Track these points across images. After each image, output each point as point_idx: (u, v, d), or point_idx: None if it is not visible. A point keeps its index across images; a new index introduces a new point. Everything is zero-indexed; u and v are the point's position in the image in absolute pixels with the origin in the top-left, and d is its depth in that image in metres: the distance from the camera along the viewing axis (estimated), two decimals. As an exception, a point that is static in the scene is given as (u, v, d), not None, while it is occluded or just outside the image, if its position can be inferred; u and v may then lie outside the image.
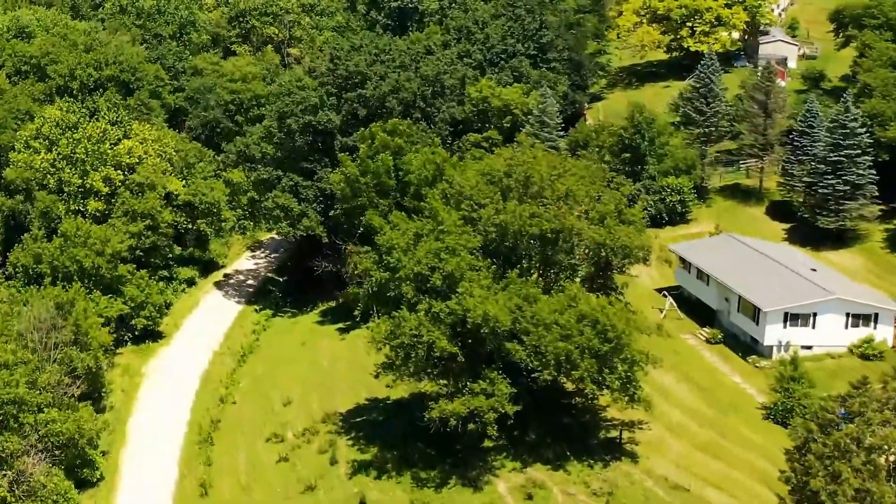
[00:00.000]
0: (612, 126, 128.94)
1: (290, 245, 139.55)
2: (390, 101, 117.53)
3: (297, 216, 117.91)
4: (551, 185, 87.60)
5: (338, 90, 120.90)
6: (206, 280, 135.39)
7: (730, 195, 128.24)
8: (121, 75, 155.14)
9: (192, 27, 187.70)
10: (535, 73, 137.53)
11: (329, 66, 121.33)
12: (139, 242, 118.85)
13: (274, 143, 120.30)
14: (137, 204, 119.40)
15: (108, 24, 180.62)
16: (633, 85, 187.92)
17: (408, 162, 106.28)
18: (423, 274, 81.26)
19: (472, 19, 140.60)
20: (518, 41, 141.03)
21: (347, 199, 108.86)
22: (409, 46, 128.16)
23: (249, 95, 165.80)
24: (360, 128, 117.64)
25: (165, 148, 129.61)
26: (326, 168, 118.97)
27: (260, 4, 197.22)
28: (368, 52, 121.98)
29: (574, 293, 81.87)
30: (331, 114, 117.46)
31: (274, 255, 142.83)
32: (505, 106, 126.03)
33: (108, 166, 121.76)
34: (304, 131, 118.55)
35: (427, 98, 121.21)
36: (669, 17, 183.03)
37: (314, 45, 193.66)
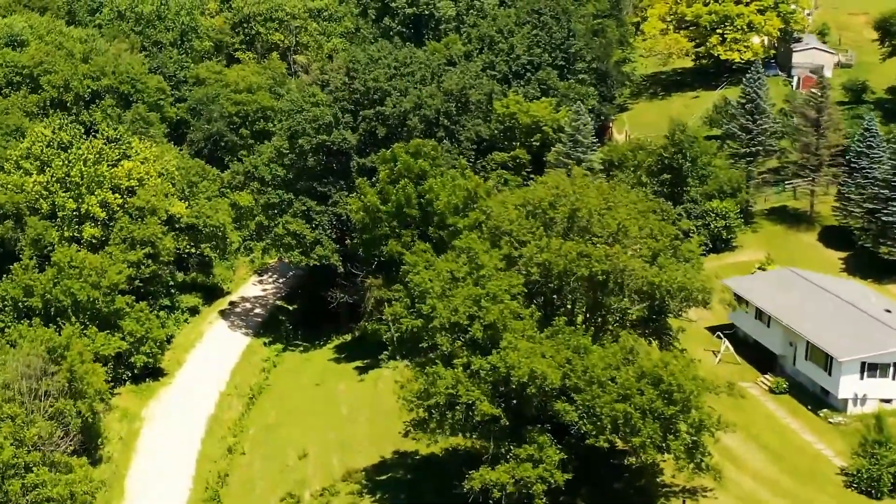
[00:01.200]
0: (650, 143, 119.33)
1: (300, 269, 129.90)
2: (412, 118, 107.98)
3: (310, 244, 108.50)
4: (601, 219, 78.04)
5: (354, 106, 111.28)
6: (211, 308, 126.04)
7: (777, 219, 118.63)
8: (119, 87, 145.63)
9: (194, 34, 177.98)
10: (562, 86, 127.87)
11: (344, 81, 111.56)
12: (138, 272, 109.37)
13: (284, 163, 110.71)
14: (137, 230, 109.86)
15: (106, 31, 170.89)
16: (658, 94, 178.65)
17: (433, 188, 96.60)
18: (460, 324, 71.72)
19: (496, 28, 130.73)
20: (544, 51, 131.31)
21: (366, 229, 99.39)
22: (429, 58, 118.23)
23: (255, 107, 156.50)
24: (379, 148, 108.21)
25: (167, 166, 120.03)
26: (342, 191, 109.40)
27: (265, 10, 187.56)
28: (387, 65, 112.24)
29: (630, 345, 72.31)
30: (346, 133, 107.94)
31: (282, 280, 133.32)
32: (534, 123, 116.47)
33: (106, 189, 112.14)
34: (317, 151, 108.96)
35: (451, 115, 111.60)
36: (698, 24, 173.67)
37: (321, 52, 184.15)
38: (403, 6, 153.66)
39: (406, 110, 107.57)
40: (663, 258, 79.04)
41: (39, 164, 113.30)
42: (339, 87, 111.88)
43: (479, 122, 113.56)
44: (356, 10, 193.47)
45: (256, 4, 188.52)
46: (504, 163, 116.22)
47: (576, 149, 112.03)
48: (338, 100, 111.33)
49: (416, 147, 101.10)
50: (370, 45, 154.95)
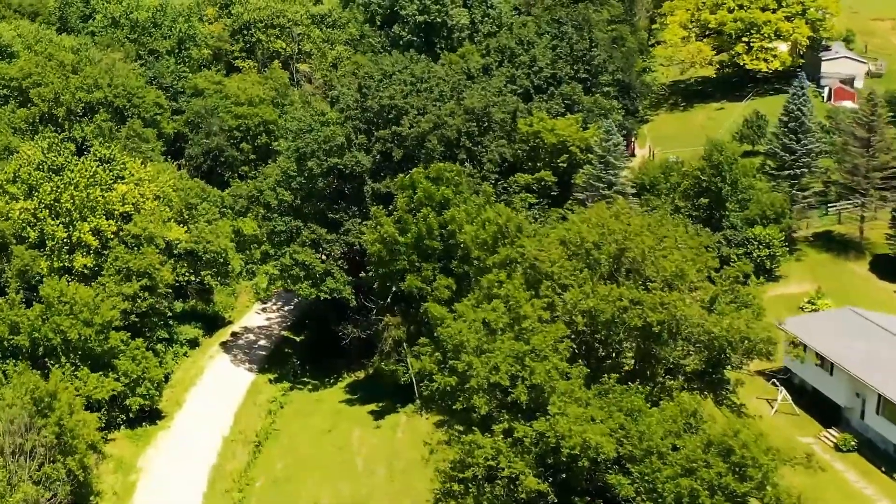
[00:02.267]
0: (682, 164, 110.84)
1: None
2: (431, 139, 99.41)
3: (320, 276, 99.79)
4: (654, 261, 69.56)
5: (367, 126, 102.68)
6: (212, 340, 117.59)
7: (823, 246, 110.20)
8: (114, 100, 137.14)
9: (192, 42, 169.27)
10: (587, 100, 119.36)
11: (356, 98, 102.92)
12: (134, 306, 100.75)
13: (291, 188, 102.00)
14: (133, 260, 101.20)
15: (99, 39, 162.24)
16: (679, 105, 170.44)
17: (456, 218, 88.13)
18: (501, 384, 63.24)
19: (516, 39, 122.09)
20: (567, 63, 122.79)
21: (383, 263, 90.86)
22: (447, 72, 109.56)
23: (257, 121, 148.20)
24: (395, 171, 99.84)
25: (164, 188, 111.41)
26: (355, 219, 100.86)
27: (266, 16, 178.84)
28: (403, 81, 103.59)
29: (693, 408, 63.77)
30: (359, 155, 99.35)
31: (287, 307, 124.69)
32: (560, 142, 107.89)
33: (99, 216, 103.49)
34: (328, 175, 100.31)
35: (473, 135, 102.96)
36: (721, 32, 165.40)
37: (325, 61, 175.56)
38: (414, 14, 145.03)
39: (425, 131, 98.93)
40: (722, 303, 70.78)
41: (27, 189, 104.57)
42: (350, 106, 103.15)
43: (502, 143, 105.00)
44: (361, 17, 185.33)
45: (257, 10, 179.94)
46: (528, 185, 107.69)
47: (606, 171, 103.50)
48: (349, 118, 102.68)
49: (437, 172, 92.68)
50: (378, 54, 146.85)
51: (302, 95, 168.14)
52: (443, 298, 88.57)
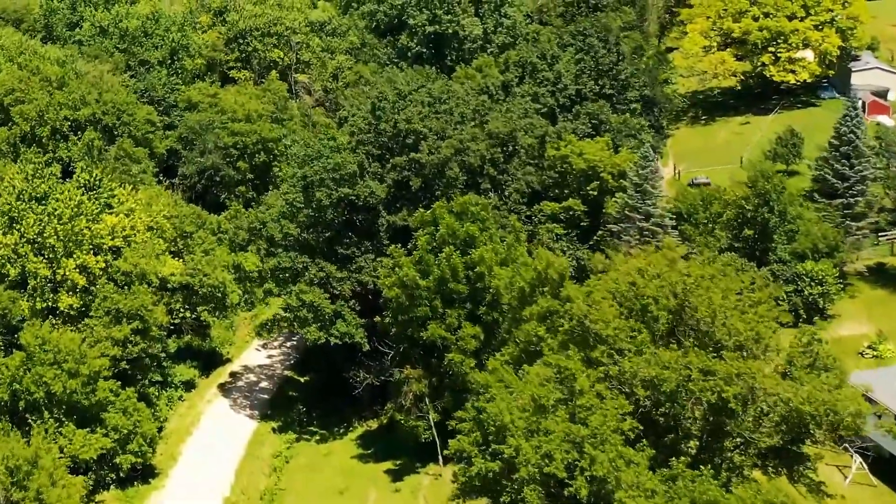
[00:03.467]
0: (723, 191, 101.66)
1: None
2: (452, 167, 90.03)
3: (329, 318, 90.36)
4: (726, 321, 60.37)
5: (381, 151, 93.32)
6: (209, 381, 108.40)
7: (878, 281, 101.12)
8: (103, 117, 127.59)
9: (185, 52, 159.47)
10: (615, 119, 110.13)
11: (369, 121, 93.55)
12: (125, 352, 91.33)
13: (298, 220, 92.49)
14: (123, 301, 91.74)
15: (87, 50, 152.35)
16: (700, 118, 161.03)
17: (485, 258, 78.91)
18: (556, 475, 53.97)
19: (538, 53, 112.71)
20: (591, 78, 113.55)
21: (402, 309, 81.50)
22: (468, 92, 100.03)
23: (255, 139, 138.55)
24: (412, 202, 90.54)
25: (157, 217, 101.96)
26: (367, 254, 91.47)
27: (262, 24, 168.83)
28: (420, 102, 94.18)
29: (781, 500, 54.58)
30: (373, 184, 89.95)
31: (290, 342, 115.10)
32: (590, 167, 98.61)
33: (86, 251, 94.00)
34: (338, 206, 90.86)
35: (497, 163, 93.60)
36: (745, 41, 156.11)
37: (325, 71, 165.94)
38: (423, 24, 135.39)
39: (445, 158, 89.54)
40: (799, 366, 61.82)
41: (7, 221, 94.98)
42: (361, 129, 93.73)
43: (529, 171, 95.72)
44: (361, 23, 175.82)
45: (253, 18, 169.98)
46: (555, 214, 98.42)
47: (644, 201, 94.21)
48: (361, 143, 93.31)
49: (461, 206, 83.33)
50: (385, 66, 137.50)
51: (301, 108, 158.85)
52: (469, 349, 79.52)
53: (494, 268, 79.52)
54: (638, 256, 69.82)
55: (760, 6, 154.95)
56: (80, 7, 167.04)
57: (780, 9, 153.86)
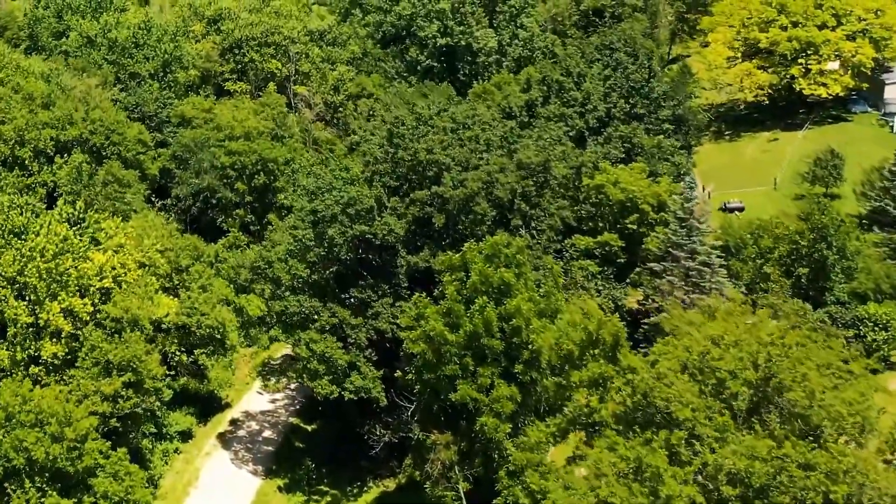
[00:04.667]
0: (776, 223, 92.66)
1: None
2: (479, 202, 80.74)
3: (343, 370, 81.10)
4: (823, 403, 51.37)
5: (399, 182, 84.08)
6: (207, 429, 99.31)
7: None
8: (91, 137, 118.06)
9: (178, 63, 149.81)
10: (648, 142, 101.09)
11: (386, 149, 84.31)
12: (115, 408, 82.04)
13: (308, 260, 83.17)
14: (113, 351, 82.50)
15: (73, 62, 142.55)
16: (724, 134, 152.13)
17: (522, 310, 69.80)
18: None
19: (563, 69, 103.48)
20: (621, 97, 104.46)
21: (429, 367, 72.25)
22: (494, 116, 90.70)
23: (254, 158, 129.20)
24: (435, 239, 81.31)
25: (149, 252, 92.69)
26: (385, 298, 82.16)
27: (259, 33, 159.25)
28: (443, 129, 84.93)
29: None
30: (392, 220, 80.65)
31: (295, 384, 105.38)
32: (627, 199, 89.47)
33: (71, 293, 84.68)
34: (353, 245, 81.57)
35: (529, 196, 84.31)
36: (773, 52, 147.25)
37: (326, 83, 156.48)
38: (434, 35, 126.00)
39: (472, 192, 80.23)
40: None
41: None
42: (377, 158, 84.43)
43: (564, 205, 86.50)
44: (363, 32, 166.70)
45: (249, 27, 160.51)
46: (589, 250, 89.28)
47: (689, 237, 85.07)
48: (377, 174, 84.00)
49: (493, 248, 74.06)
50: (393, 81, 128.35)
51: (301, 123, 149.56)
52: (504, 413, 70.38)
53: (533, 321, 70.34)
54: (703, 321, 60.43)
55: (789, 14, 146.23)
56: (67, 16, 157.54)
57: (810, 17, 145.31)
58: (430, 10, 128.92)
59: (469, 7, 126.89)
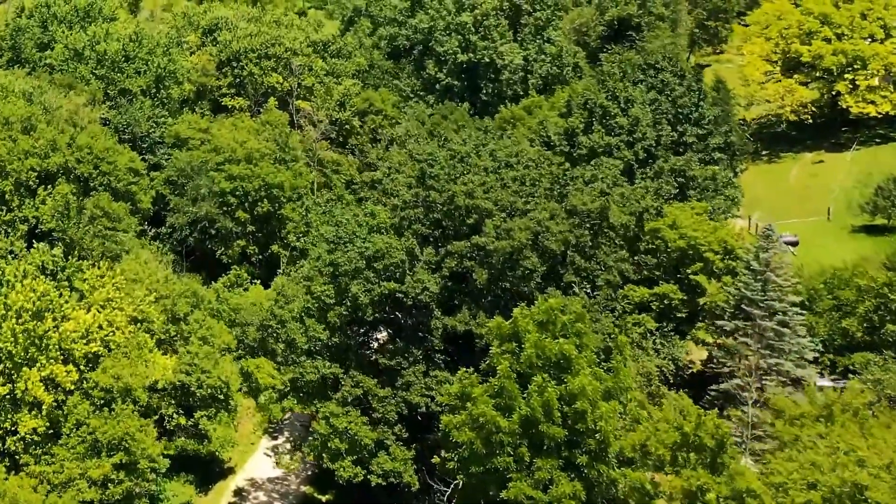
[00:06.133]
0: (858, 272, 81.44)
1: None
2: (528, 255, 69.43)
3: (369, 450, 69.74)
4: None
5: (432, 228, 72.77)
6: (208, 500, 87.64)
7: None
8: (77, 167, 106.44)
9: (172, 78, 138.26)
10: (700, 173, 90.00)
11: (416, 191, 72.98)
12: (105, 494, 70.76)
13: (327, 321, 71.79)
14: (102, 426, 71.26)
15: (59, 78, 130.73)
16: (761, 154, 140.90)
17: (587, 391, 58.70)
18: None
19: (608, 93, 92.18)
20: (670, 122, 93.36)
21: (476, 459, 60.93)
22: (540, 154, 79.30)
23: (257, 184, 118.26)
24: (475, 298, 69.97)
25: (141, 306, 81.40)
26: (417, 365, 70.87)
27: (259, 44, 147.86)
28: (481, 167, 73.62)
29: None
30: (426, 276, 69.30)
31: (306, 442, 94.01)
32: (689, 245, 78.29)
33: (53, 359, 73.31)
34: (380, 305, 70.25)
35: (583, 247, 72.92)
36: (815, 66, 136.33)
37: (330, 98, 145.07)
38: (454, 51, 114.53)
39: (521, 244, 68.85)
40: None
41: (-51, 319, 74.27)
42: (407, 201, 73.06)
43: (622, 255, 75.15)
44: (368, 42, 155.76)
45: (248, 38, 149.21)
46: (644, 303, 78.04)
47: (766, 293, 73.81)
48: (406, 220, 72.60)
49: (547, 315, 62.84)
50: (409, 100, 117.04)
51: (305, 143, 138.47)
52: (567, 514, 59.19)
53: (600, 404, 59.24)
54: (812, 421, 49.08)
55: (833, 26, 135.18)
56: (52, 26, 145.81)
57: (856, 29, 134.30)
58: (450, 23, 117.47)
59: (493, 20, 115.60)
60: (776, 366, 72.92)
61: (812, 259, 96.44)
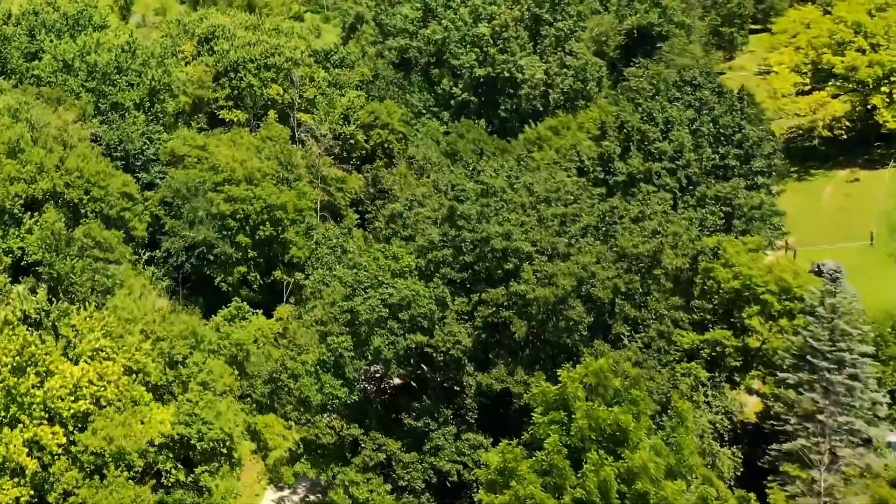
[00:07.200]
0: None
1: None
2: (574, 305, 61.53)
3: (395, 524, 61.93)
4: None
5: (461, 271, 64.84)
6: (208, 561, 79.33)
7: None
8: (65, 191, 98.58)
9: (167, 91, 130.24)
10: (746, 200, 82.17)
11: (445, 229, 65.06)
12: (96, 574, 62.86)
13: (345, 376, 63.86)
14: (93, 497, 63.35)
15: (47, 91, 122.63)
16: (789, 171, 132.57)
17: (649, 469, 50.96)
18: None
19: (645, 113, 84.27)
20: (710, 144, 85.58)
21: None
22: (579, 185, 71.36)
23: (259, 206, 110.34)
24: (512, 353, 62.04)
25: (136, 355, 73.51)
26: (448, 426, 62.94)
27: (258, 54, 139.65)
28: (518, 203, 65.69)
29: None
30: (456, 328, 61.41)
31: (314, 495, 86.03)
32: (744, 286, 70.47)
33: (37, 419, 65.41)
34: (406, 359, 62.34)
35: (633, 296, 64.97)
36: (848, 78, 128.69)
37: (334, 111, 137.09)
38: (471, 64, 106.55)
39: (566, 293, 60.94)
40: None
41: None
42: (434, 243, 65.09)
43: (676, 303, 67.21)
44: (371, 51, 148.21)
45: (247, 47, 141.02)
46: (693, 350, 70.20)
47: (833, 341, 65.98)
48: (433, 264, 64.63)
49: (597, 377, 55.02)
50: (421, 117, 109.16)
51: (308, 159, 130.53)
52: None
53: (664, 485, 51.46)
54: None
55: (868, 36, 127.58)
56: (40, 34, 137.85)
57: (892, 39, 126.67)
58: (466, 35, 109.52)
59: (513, 31, 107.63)
60: (846, 424, 65.23)
61: (859, 291, 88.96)
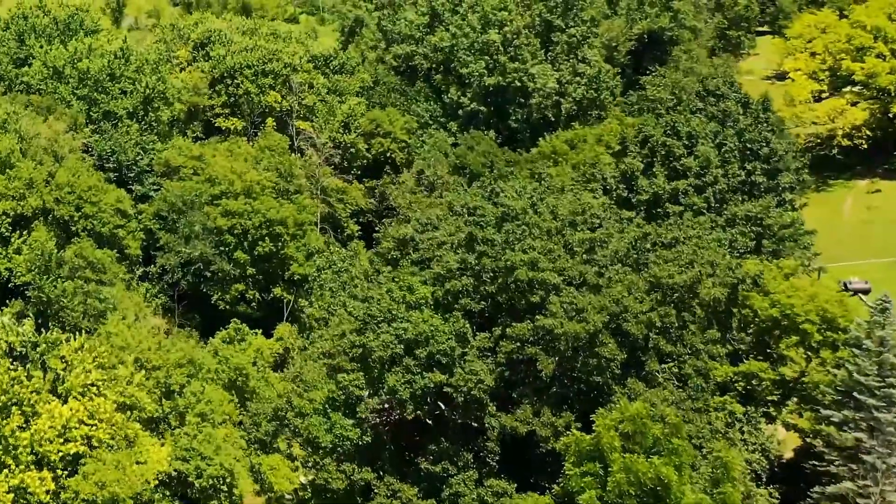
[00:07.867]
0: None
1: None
2: (606, 341, 56.69)
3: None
4: None
5: (482, 301, 60.00)
6: None
7: None
8: (56, 208, 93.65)
9: (162, 99, 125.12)
10: (776, 220, 77.40)
11: (464, 259, 60.21)
12: None
13: (358, 417, 59.00)
14: (84, 549, 58.50)
15: (37, 99, 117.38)
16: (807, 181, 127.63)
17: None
18: None
19: (670, 128, 79.40)
20: (736, 160, 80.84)
21: None
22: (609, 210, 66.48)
23: (258, 220, 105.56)
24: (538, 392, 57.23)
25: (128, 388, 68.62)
26: (468, 471, 58.11)
27: (255, 60, 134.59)
28: (543, 228, 60.87)
29: None
30: (478, 365, 56.55)
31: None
32: (782, 314, 65.70)
33: (23, 464, 60.52)
34: (423, 400, 57.48)
35: (668, 330, 60.15)
36: (868, 85, 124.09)
37: (334, 119, 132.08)
38: (481, 73, 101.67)
39: (596, 329, 56.14)
40: None
41: None
42: (452, 271, 60.25)
43: (713, 336, 62.34)
44: (372, 55, 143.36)
45: (244, 53, 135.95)
46: (728, 383, 65.42)
47: (882, 377, 61.28)
48: (451, 294, 59.78)
49: (635, 425, 50.20)
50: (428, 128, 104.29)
51: (307, 169, 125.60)
52: None
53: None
54: None
55: (888, 41, 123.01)
56: (30, 40, 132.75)
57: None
58: (475, 42, 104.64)
59: (524, 38, 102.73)
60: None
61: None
